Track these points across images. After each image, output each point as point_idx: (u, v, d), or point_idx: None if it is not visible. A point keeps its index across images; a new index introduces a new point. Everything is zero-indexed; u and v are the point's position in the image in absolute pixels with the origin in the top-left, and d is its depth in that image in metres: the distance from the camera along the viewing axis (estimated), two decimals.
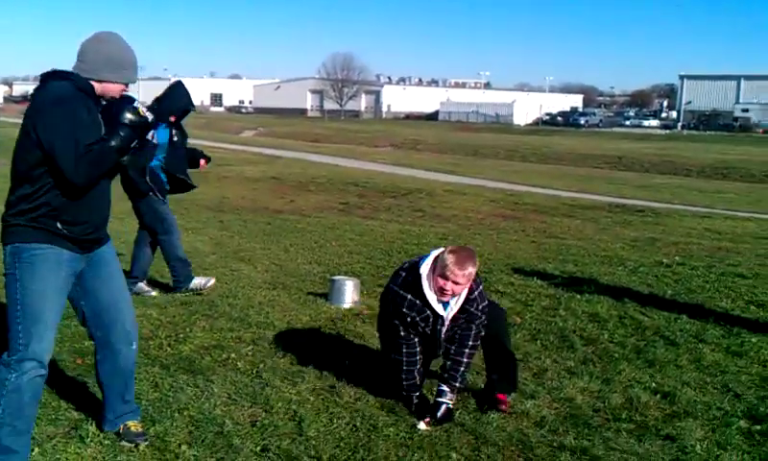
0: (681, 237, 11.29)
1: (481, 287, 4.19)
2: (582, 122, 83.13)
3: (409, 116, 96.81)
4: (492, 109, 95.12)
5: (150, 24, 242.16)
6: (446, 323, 4.09)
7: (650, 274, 8.32)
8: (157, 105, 6.11)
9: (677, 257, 9.36)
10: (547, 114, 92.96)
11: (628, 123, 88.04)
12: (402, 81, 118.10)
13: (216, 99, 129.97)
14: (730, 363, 5.28)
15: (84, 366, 4.67)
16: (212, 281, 6.92)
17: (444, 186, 18.87)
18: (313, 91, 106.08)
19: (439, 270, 3.92)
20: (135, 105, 3.40)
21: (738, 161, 31.80)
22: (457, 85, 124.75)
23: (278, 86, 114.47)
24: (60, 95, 3.21)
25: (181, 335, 5.45)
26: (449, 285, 3.91)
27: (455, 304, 4.05)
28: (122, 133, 3.29)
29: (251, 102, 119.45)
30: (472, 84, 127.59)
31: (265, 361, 4.98)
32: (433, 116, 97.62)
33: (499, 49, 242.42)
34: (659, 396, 4.61)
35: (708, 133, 71.36)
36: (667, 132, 74.45)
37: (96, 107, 3.34)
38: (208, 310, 6.14)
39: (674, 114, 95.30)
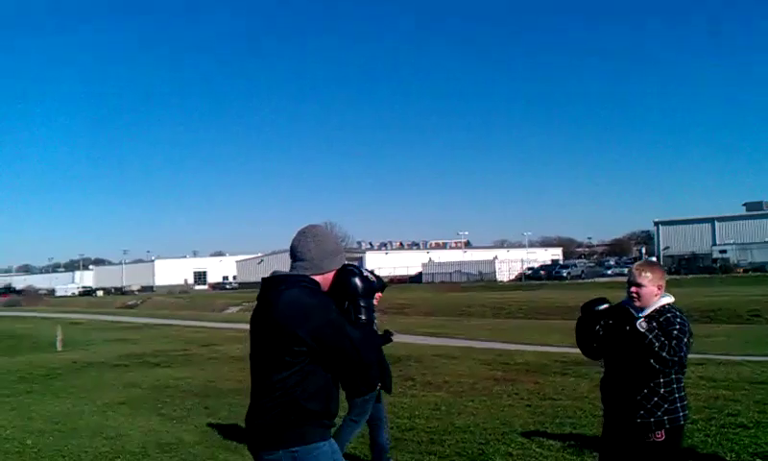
0: None
1: (678, 318, 4.53)
2: (564, 274, 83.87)
3: (393, 280, 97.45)
4: (475, 267, 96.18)
5: (130, 208, 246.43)
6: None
7: None
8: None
9: None
10: (530, 269, 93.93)
11: (609, 272, 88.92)
12: (384, 246, 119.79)
13: (200, 277, 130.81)
14: None
15: None
16: None
17: (433, 350, 18.67)
18: None
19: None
20: (362, 270, 3.59)
21: (724, 303, 31.94)
22: (438, 246, 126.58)
23: (261, 260, 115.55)
24: (322, 300, 3.36)
25: None
26: (633, 288, 4.65)
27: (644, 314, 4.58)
28: (362, 304, 3.47)
29: (234, 277, 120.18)
30: (453, 245, 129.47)
31: None
32: (416, 278, 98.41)
33: (477, 208, 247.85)
34: None
35: (689, 276, 72.14)
36: None
37: None
38: None
39: (653, 260, 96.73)
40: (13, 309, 72.25)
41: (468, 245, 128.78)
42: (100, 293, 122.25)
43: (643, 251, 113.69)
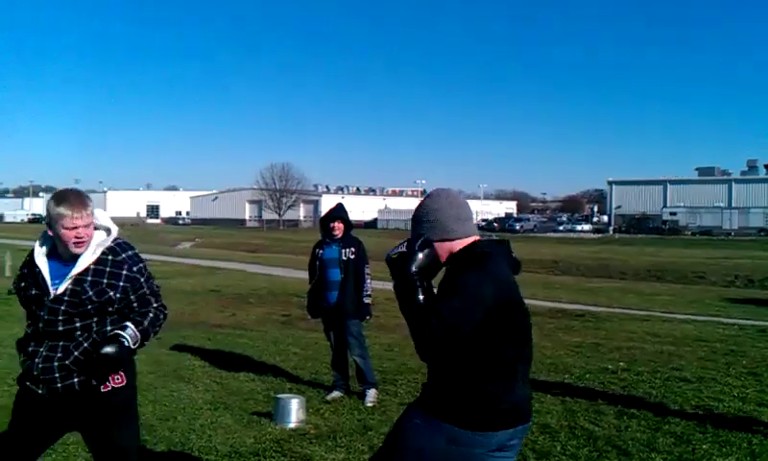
0: (623, 342, 11.37)
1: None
2: (517, 227, 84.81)
3: None
4: None
5: (84, 137, 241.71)
6: None
7: (596, 381, 8.32)
8: None
9: (621, 363, 9.40)
10: (483, 220, 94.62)
11: (561, 228, 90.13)
12: (341, 189, 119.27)
13: (152, 211, 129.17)
14: None
15: None
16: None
17: (386, 295, 18.74)
18: (251, 201, 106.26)
19: None
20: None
21: (670, 263, 32.64)
22: (395, 194, 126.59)
23: (216, 197, 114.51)
24: None
25: None
26: None
27: None
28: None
29: (188, 213, 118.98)
30: (409, 192, 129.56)
31: None
32: (372, 224, 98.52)
33: (436, 158, 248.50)
34: None
35: (639, 236, 73.47)
36: (600, 236, 76.44)
37: None
38: (146, 435, 5.84)
39: (605, 218, 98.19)
40: None
41: (424, 194, 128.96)
42: None
43: (595, 209, 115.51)
